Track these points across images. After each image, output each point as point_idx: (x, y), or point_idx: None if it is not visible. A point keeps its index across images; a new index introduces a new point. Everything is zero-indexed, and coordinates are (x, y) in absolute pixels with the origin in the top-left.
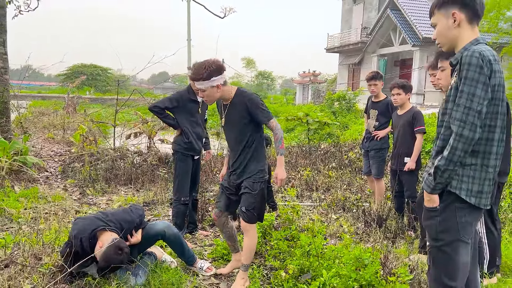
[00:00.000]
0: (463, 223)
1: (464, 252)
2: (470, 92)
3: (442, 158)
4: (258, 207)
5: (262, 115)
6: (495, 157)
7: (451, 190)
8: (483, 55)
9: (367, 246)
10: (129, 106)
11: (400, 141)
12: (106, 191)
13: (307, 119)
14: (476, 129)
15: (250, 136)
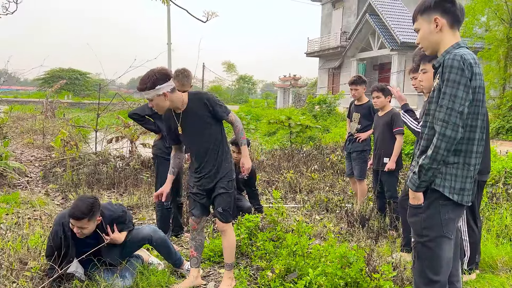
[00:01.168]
0: (447, 219)
1: (447, 248)
2: (452, 94)
3: (426, 157)
4: (233, 205)
5: (221, 110)
6: (475, 156)
7: (435, 188)
8: (464, 58)
9: (350, 245)
10: (109, 110)
11: (380, 142)
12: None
13: (289, 122)
14: (458, 129)
15: (215, 136)
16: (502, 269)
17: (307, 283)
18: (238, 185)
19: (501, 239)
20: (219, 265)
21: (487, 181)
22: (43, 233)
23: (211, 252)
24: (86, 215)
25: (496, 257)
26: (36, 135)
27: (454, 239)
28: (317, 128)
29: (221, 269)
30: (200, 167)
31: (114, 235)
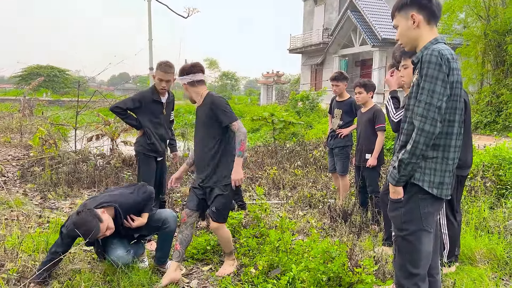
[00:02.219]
0: (426, 213)
1: (426, 241)
2: (430, 89)
3: (406, 151)
4: (227, 207)
5: (224, 116)
6: (454, 150)
7: (415, 182)
8: (441, 53)
9: (333, 239)
10: (89, 108)
11: (362, 138)
12: (68, 194)
13: (272, 119)
14: (436, 124)
15: (215, 138)
16: (480, 261)
17: (290, 279)
18: None
19: (479, 232)
20: (202, 263)
21: (467, 175)
22: (20, 234)
23: (194, 249)
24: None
25: (475, 249)
26: (13, 133)
27: (434, 232)
28: (300, 124)
29: (204, 266)
30: (198, 161)
31: (136, 223)
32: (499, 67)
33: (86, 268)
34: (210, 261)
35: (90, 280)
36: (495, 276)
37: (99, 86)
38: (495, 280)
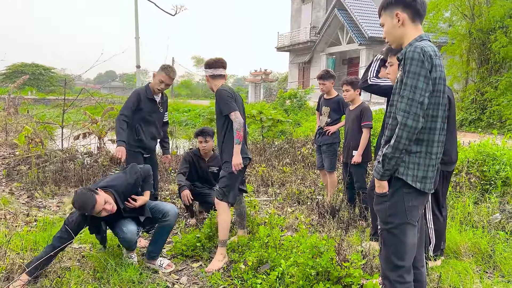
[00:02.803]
0: (410, 207)
1: (411, 234)
2: (413, 85)
3: (389, 146)
4: (230, 186)
5: (224, 107)
6: (437, 145)
7: (399, 176)
8: (424, 50)
9: (321, 235)
10: (76, 106)
11: (350, 135)
12: (56, 193)
13: (260, 117)
14: (419, 119)
15: (224, 127)
16: (465, 255)
17: (280, 274)
18: (208, 178)
19: (464, 226)
20: (192, 259)
21: (453, 171)
22: (8, 232)
23: (184, 246)
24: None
25: (460, 243)
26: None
27: (419, 226)
28: (288, 122)
29: (194, 263)
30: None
31: (139, 202)
32: (483, 65)
33: (76, 265)
34: (199, 257)
35: (79, 277)
36: (479, 269)
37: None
38: (480, 273)
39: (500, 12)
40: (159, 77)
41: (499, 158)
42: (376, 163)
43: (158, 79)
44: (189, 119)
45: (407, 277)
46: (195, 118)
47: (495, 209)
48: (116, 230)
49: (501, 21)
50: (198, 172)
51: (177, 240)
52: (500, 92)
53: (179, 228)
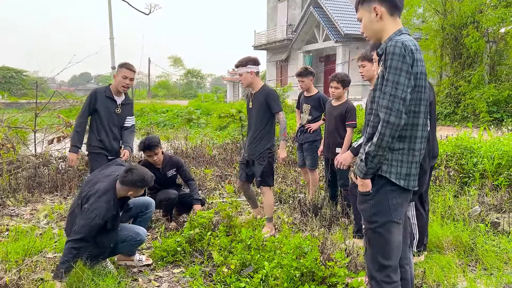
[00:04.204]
0: (394, 204)
1: (396, 232)
2: (395, 81)
3: (372, 144)
4: (268, 172)
5: (276, 105)
6: (420, 141)
7: (382, 174)
8: (405, 45)
9: (304, 234)
10: (49, 109)
11: (332, 131)
12: (29, 200)
13: (240, 116)
14: (401, 116)
15: (263, 121)
16: (448, 248)
17: (263, 276)
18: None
19: (445, 220)
20: (173, 265)
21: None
22: None
23: (164, 252)
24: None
25: (442, 237)
26: None
27: (403, 224)
28: None
29: (175, 268)
30: (248, 138)
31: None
32: (456, 60)
33: (50, 277)
34: (181, 262)
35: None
36: (462, 263)
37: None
38: (462, 267)
39: (470, 8)
40: (121, 73)
41: (476, 151)
42: (359, 161)
43: (121, 76)
44: (167, 120)
45: (394, 277)
46: (173, 119)
47: (474, 201)
48: (127, 233)
49: (472, 16)
50: (157, 180)
51: (157, 245)
52: (473, 86)
53: (158, 232)
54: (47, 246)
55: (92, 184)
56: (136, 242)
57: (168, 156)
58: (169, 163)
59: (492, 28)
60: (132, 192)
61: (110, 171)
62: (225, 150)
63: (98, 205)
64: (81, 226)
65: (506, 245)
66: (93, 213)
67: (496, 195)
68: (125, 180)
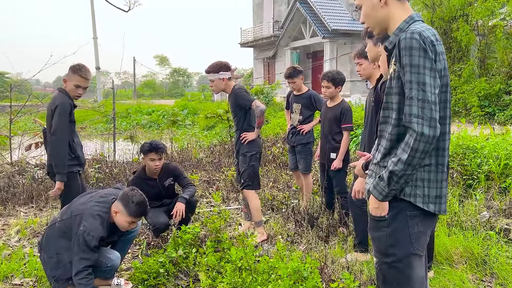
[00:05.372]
0: (416, 233)
1: (419, 266)
2: (420, 81)
3: (400, 162)
4: (252, 175)
5: (243, 102)
6: (448, 153)
7: (404, 198)
8: (423, 36)
9: (300, 248)
10: (27, 113)
11: (327, 135)
12: (1, 214)
13: (227, 116)
14: (436, 124)
15: (239, 119)
16: (458, 262)
17: None
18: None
19: (452, 228)
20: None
21: None
22: None
23: (145, 274)
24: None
25: (451, 248)
26: None
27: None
28: None
29: None
30: (236, 140)
31: None
32: (446, 53)
33: None
34: (164, 286)
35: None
36: (475, 278)
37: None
38: (477, 283)
39: (460, 1)
40: (73, 82)
41: (480, 151)
42: (377, 180)
43: (72, 84)
44: (152, 121)
45: None
46: (159, 120)
47: (481, 206)
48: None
49: (461, 9)
50: (150, 193)
51: (137, 265)
52: (464, 80)
53: (140, 250)
54: (15, 270)
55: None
56: (107, 268)
57: (165, 164)
58: (166, 171)
59: (482, 21)
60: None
61: (105, 193)
62: (212, 153)
63: (94, 227)
64: (82, 252)
65: None
66: (89, 235)
67: (504, 199)
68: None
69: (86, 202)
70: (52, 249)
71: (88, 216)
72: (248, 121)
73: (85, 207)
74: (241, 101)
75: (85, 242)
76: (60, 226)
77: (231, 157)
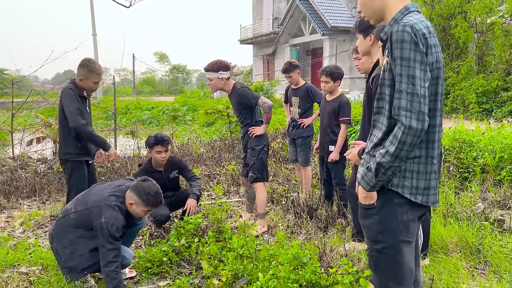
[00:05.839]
0: (405, 221)
1: (409, 252)
2: (410, 75)
3: (387, 154)
4: (261, 167)
5: (249, 101)
6: (438, 145)
7: (392, 189)
8: (415, 28)
9: (299, 238)
10: (28, 109)
11: (326, 128)
12: (5, 206)
13: (227, 112)
14: (424, 118)
15: (244, 116)
16: (453, 250)
17: None
18: (172, 185)
19: (448, 219)
20: (159, 277)
21: None
22: None
23: (148, 263)
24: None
25: (446, 238)
26: None
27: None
28: None
29: (161, 281)
30: (242, 134)
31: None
32: (445, 50)
33: None
34: (167, 274)
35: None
36: (469, 266)
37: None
38: (471, 270)
39: None
40: (92, 80)
41: (476, 145)
42: (365, 170)
43: (91, 82)
44: (152, 117)
45: None
46: (159, 116)
47: (476, 198)
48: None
49: (460, 6)
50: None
51: (141, 255)
52: (462, 76)
53: (143, 240)
54: (21, 259)
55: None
56: (122, 265)
57: (170, 157)
58: (171, 164)
59: (480, 18)
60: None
61: (118, 184)
62: (213, 148)
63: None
64: (108, 243)
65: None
66: (113, 226)
67: (499, 190)
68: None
69: (101, 193)
70: (66, 240)
71: (107, 208)
72: (256, 117)
73: (101, 198)
74: (246, 100)
75: (110, 233)
76: (75, 217)
77: (231, 152)
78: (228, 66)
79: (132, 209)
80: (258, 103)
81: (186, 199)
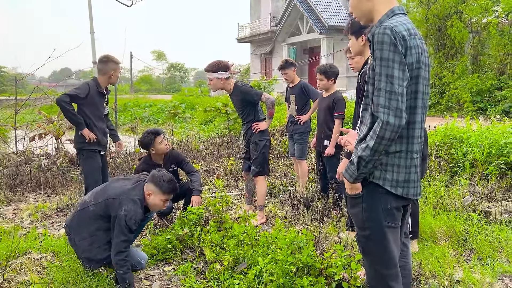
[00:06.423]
0: (389, 209)
1: (394, 237)
2: (389, 74)
3: (367, 148)
4: (263, 162)
5: (252, 97)
6: (418, 141)
7: (374, 181)
8: (395, 31)
9: (296, 227)
10: (30, 106)
11: (322, 124)
12: (11, 199)
13: (226, 109)
14: (401, 115)
15: (247, 113)
16: (442, 239)
17: (258, 272)
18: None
19: (437, 210)
20: (163, 263)
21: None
22: None
23: (154, 250)
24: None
25: (435, 227)
26: None
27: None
28: None
29: (166, 267)
30: (244, 131)
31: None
32: (440, 50)
33: (36, 278)
34: (171, 260)
35: None
36: (456, 253)
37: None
38: (457, 257)
39: None
40: (118, 72)
41: (466, 141)
42: (349, 164)
43: (118, 73)
44: (151, 114)
45: (396, 285)
46: (157, 113)
47: (465, 191)
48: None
49: (456, 6)
50: None
51: (146, 242)
52: (457, 76)
53: (147, 229)
54: (32, 247)
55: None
56: (137, 270)
57: (169, 151)
58: (170, 157)
59: (475, 18)
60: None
61: (136, 179)
62: (212, 145)
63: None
64: (123, 235)
65: (499, 234)
66: (132, 219)
67: (486, 184)
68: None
69: (121, 187)
70: (85, 232)
71: (128, 200)
72: (258, 113)
73: (122, 190)
74: (250, 97)
75: (126, 226)
76: (95, 210)
77: (230, 149)
78: (228, 66)
79: (151, 199)
80: (261, 99)
81: (187, 191)
